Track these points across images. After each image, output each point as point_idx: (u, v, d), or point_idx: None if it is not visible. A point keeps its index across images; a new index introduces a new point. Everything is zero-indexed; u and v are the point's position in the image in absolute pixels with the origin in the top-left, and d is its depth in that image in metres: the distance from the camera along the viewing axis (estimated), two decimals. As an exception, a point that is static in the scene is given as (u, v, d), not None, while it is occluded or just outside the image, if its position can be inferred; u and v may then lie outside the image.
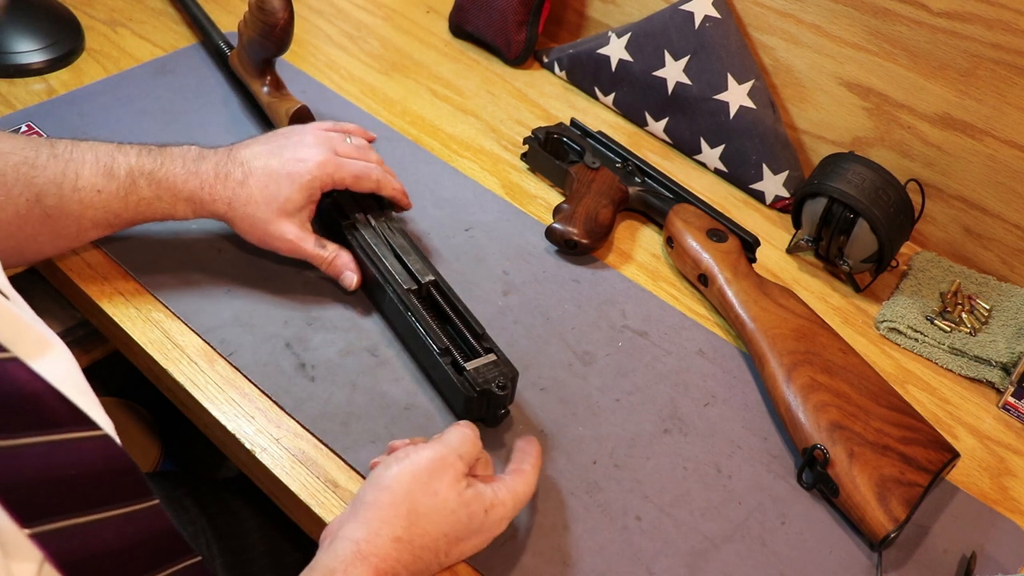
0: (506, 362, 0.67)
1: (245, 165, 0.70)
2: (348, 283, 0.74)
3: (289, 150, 0.72)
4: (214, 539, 0.75)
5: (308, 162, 0.71)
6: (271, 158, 0.71)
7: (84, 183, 0.66)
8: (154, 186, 0.68)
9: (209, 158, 0.70)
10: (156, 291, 0.73)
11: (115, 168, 0.67)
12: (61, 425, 0.43)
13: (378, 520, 0.53)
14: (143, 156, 0.68)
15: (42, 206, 0.65)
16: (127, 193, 0.68)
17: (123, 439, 0.47)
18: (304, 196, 0.71)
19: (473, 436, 0.59)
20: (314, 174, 0.71)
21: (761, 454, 0.71)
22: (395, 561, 0.53)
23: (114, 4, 1.04)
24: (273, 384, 0.69)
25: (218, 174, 0.70)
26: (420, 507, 0.54)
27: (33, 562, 0.40)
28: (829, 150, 0.95)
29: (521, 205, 0.90)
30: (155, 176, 0.68)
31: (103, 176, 0.67)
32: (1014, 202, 0.87)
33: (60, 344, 0.48)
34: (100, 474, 0.45)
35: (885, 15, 0.87)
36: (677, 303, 0.83)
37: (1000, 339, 0.83)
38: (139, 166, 0.68)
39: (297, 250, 0.72)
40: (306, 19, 1.10)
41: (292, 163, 0.71)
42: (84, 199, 0.66)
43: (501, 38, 1.08)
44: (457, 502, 0.55)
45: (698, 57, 0.96)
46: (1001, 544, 0.68)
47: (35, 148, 0.66)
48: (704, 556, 0.63)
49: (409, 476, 0.55)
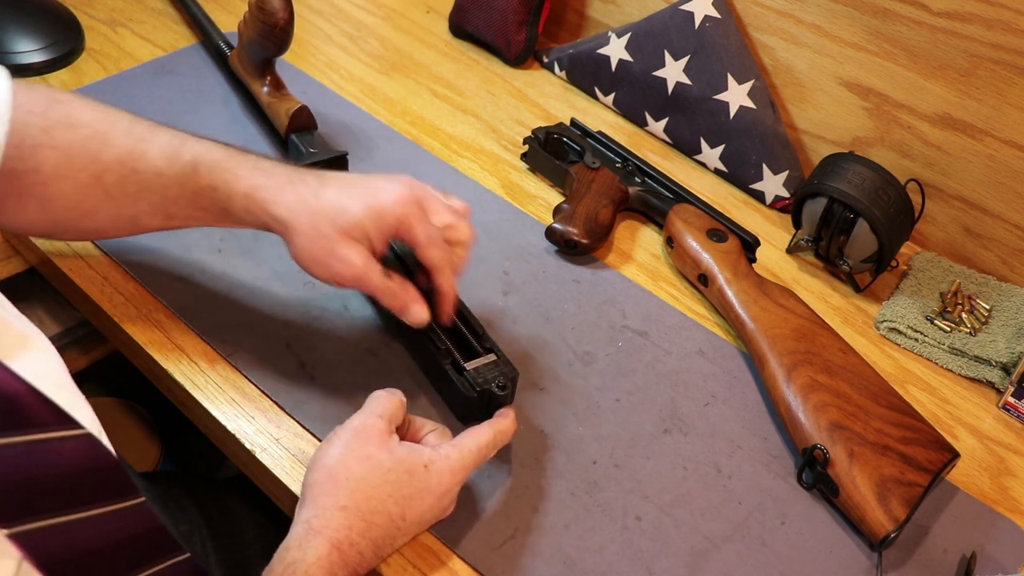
0: (506, 362, 0.68)
1: (323, 177, 0.63)
2: (416, 319, 0.65)
3: (374, 181, 0.64)
4: (209, 537, 0.75)
5: (391, 193, 0.62)
6: (354, 179, 0.64)
7: (146, 165, 0.62)
8: (214, 176, 0.62)
9: (287, 165, 0.64)
10: (156, 291, 0.73)
11: (181, 152, 0.63)
12: (41, 425, 0.43)
13: (322, 496, 0.55)
14: (215, 147, 0.63)
15: (102, 184, 0.62)
16: (186, 180, 0.62)
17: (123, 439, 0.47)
18: (375, 227, 0.61)
19: (386, 395, 0.61)
20: (393, 208, 0.61)
21: (761, 454, 0.71)
22: (348, 529, 0.54)
23: (114, 4, 1.04)
24: (273, 384, 0.69)
25: (291, 179, 0.62)
26: (356, 472, 0.56)
27: (12, 560, 0.40)
28: (829, 150, 0.95)
29: (521, 205, 0.90)
30: (218, 165, 0.62)
31: (167, 159, 0.62)
32: (1014, 202, 0.87)
33: (43, 342, 0.48)
34: (82, 473, 0.45)
35: (885, 15, 0.87)
36: (677, 303, 0.83)
37: (1000, 339, 0.83)
38: (206, 154, 0.63)
39: (362, 279, 0.62)
40: (306, 19, 1.10)
41: (373, 190, 0.62)
42: (143, 181, 0.62)
43: (501, 38, 1.08)
44: (391, 460, 0.57)
45: (698, 57, 0.96)
46: (1001, 544, 0.68)
47: (111, 123, 0.63)
48: (704, 556, 0.63)
49: (339, 449, 0.57)
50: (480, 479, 0.65)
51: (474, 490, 0.64)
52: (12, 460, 0.41)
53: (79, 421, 0.45)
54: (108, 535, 0.46)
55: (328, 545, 0.53)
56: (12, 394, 0.42)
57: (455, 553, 0.61)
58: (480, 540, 0.62)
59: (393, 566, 0.59)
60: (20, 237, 0.78)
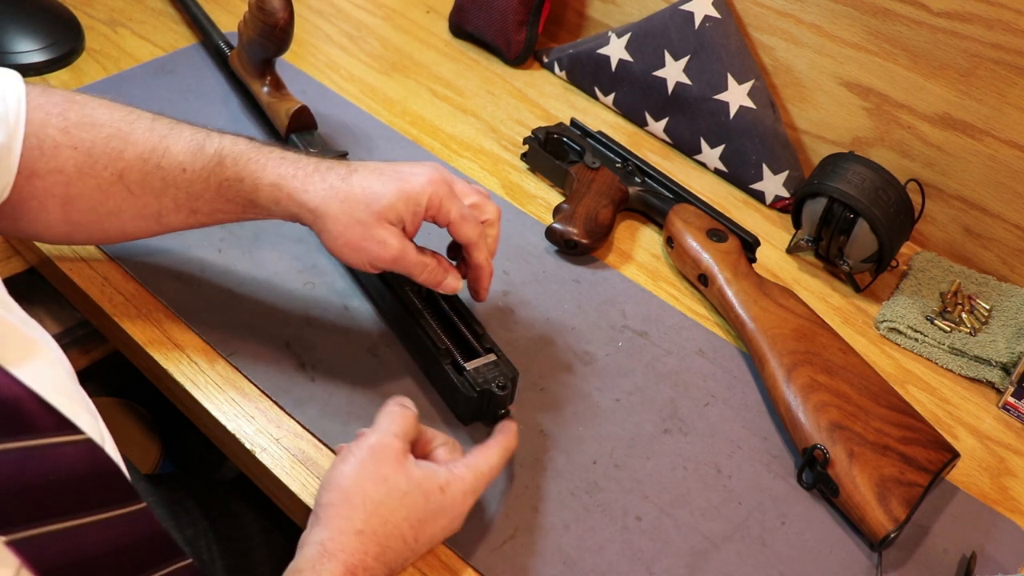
0: (506, 362, 0.68)
1: (351, 165, 0.64)
2: (452, 287, 0.67)
3: (401, 166, 0.65)
4: (215, 541, 0.75)
5: (420, 176, 0.63)
6: (381, 165, 0.65)
7: (170, 161, 0.62)
8: (239, 167, 0.62)
9: (313, 156, 0.65)
10: (156, 291, 0.73)
11: (205, 147, 0.63)
12: (40, 431, 0.43)
13: (337, 518, 0.54)
14: (239, 140, 0.64)
15: (125, 182, 0.62)
16: (210, 174, 0.63)
17: (123, 439, 0.47)
18: (408, 209, 0.62)
19: (400, 411, 0.59)
20: (424, 188, 0.62)
21: (761, 454, 0.71)
22: (363, 554, 0.53)
23: (114, 4, 1.04)
24: (273, 384, 0.69)
25: (318, 167, 0.63)
26: (373, 496, 0.55)
27: (10, 568, 0.40)
28: (829, 150, 0.95)
29: (521, 205, 0.90)
30: (243, 156, 0.63)
31: (191, 154, 0.62)
32: (1014, 202, 0.87)
33: (50, 347, 0.48)
34: (82, 479, 0.45)
35: (885, 15, 0.87)
36: (677, 303, 0.83)
37: (1000, 339, 0.83)
38: (231, 146, 0.63)
39: (400, 259, 0.63)
40: (306, 19, 1.10)
41: (402, 173, 0.63)
42: (167, 177, 0.62)
43: (501, 38, 1.08)
44: (408, 484, 0.56)
45: (698, 57, 0.96)
46: (1001, 544, 0.68)
47: (132, 122, 0.63)
48: (704, 556, 0.63)
49: (355, 470, 0.55)
50: (480, 479, 0.65)
51: (474, 490, 0.64)
52: (11, 466, 0.41)
53: (79, 426, 0.45)
54: (108, 541, 0.46)
55: (342, 569, 0.52)
56: (12, 399, 0.42)
57: (455, 553, 0.61)
58: (480, 540, 0.62)
59: (393, 566, 0.59)
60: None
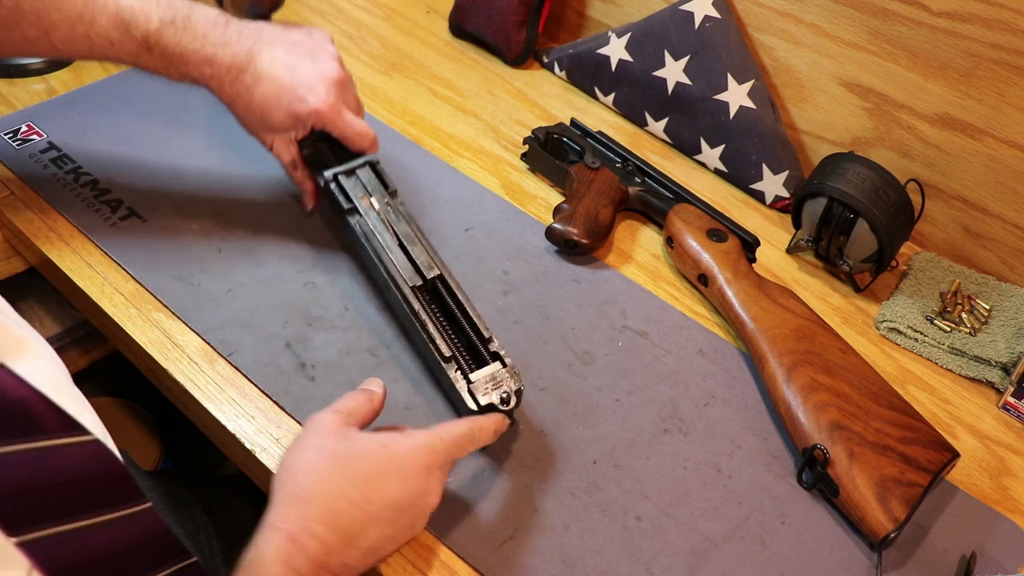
0: (513, 374, 0.66)
1: (258, 71, 0.71)
2: (304, 204, 0.81)
3: (301, 71, 0.72)
4: (215, 536, 0.75)
5: (309, 102, 0.72)
6: (284, 73, 0.71)
7: (98, 31, 0.66)
8: (165, 60, 0.69)
9: (231, 45, 0.70)
10: (156, 291, 0.73)
11: (133, 28, 0.67)
12: (49, 431, 0.43)
13: (279, 492, 0.54)
14: (165, 25, 0.68)
15: (51, 40, 0.66)
16: (136, 57, 0.68)
17: (123, 439, 0.46)
18: (292, 124, 0.73)
19: (352, 393, 0.61)
20: (309, 115, 0.72)
21: (761, 454, 0.71)
22: (304, 519, 0.52)
23: (114, 4, 1.04)
24: (273, 384, 0.69)
25: (231, 69, 0.70)
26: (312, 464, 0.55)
27: (20, 569, 0.40)
28: (829, 150, 0.95)
29: (521, 205, 0.90)
30: (168, 51, 0.68)
31: (119, 30, 0.67)
32: (1014, 202, 0.87)
33: (42, 346, 0.47)
34: (90, 480, 0.45)
35: (885, 15, 0.87)
36: (677, 303, 0.83)
37: (1000, 339, 0.83)
38: (157, 35, 0.68)
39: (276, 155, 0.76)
40: (306, 19, 1.10)
41: (297, 93, 0.71)
42: (95, 46, 0.67)
43: (501, 38, 1.08)
44: (347, 446, 0.56)
45: (698, 57, 0.96)
46: (1001, 544, 0.68)
47: None
48: (704, 556, 0.63)
49: (295, 446, 0.56)
50: (480, 479, 0.65)
51: (474, 490, 0.64)
52: (21, 467, 0.41)
53: (86, 427, 0.45)
54: (116, 541, 0.46)
55: (282, 537, 0.51)
56: (20, 400, 0.42)
57: (455, 553, 0.61)
58: (480, 540, 0.62)
59: (393, 566, 0.59)
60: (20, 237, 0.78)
